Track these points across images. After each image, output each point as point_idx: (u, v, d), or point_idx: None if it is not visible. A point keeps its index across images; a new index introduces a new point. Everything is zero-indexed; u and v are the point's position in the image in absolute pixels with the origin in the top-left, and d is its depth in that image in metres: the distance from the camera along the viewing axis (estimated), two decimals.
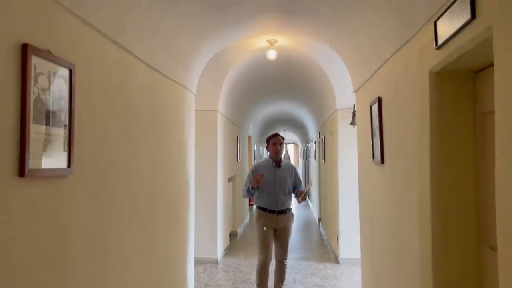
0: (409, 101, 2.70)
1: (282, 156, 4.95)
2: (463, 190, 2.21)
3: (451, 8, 1.91)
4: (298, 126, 17.95)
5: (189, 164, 4.59)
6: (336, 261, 6.68)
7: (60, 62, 1.97)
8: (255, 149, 14.51)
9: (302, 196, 4.60)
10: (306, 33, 5.03)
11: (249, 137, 12.45)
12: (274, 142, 4.80)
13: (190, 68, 4.44)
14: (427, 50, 2.28)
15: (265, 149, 6.51)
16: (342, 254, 6.52)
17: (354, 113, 6.27)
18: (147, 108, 3.25)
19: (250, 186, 4.65)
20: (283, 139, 4.88)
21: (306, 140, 17.60)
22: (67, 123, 2.05)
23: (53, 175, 1.96)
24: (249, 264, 6.57)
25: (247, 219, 11.30)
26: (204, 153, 6.33)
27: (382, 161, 3.44)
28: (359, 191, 4.59)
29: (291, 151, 27.67)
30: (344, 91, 6.22)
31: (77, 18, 2.14)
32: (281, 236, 4.74)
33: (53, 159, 1.94)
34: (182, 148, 4.31)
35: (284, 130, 22.76)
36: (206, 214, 6.50)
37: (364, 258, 4.48)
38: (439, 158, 2.24)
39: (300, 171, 25.71)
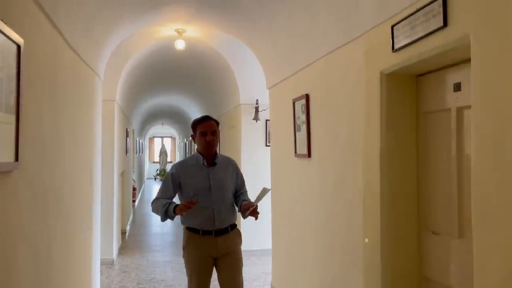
0: (349, 99, 2.88)
1: (159, 150, 4.23)
2: (407, 180, 2.46)
3: (413, 16, 2.10)
4: (178, 120, 17.71)
5: (98, 157, 4.20)
6: None
7: (10, 35, 1.65)
8: (137, 142, 13.87)
9: (252, 211, 2.91)
10: (219, 26, 4.99)
11: (133, 130, 11.87)
12: (203, 131, 2.99)
13: (102, 53, 4.07)
14: (379, 52, 2.46)
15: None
16: (244, 247, 6.64)
17: (257, 108, 6.45)
18: (69, 96, 2.88)
19: (169, 206, 2.88)
20: (217, 124, 3.10)
21: (187, 134, 17.43)
22: (14, 107, 1.72)
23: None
24: (149, 263, 6.30)
25: (131, 216, 10.77)
26: (102, 146, 5.83)
27: (309, 155, 3.61)
28: (272, 183, 4.73)
29: (168, 145, 27.09)
30: (249, 86, 6.34)
31: None
32: (226, 268, 3.01)
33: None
34: (94, 140, 3.93)
35: (163, 124, 22.26)
36: (102, 211, 6.01)
37: (278, 248, 4.65)
38: (388, 151, 2.44)
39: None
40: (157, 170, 25.20)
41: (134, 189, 12.00)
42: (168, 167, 25.67)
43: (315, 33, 3.38)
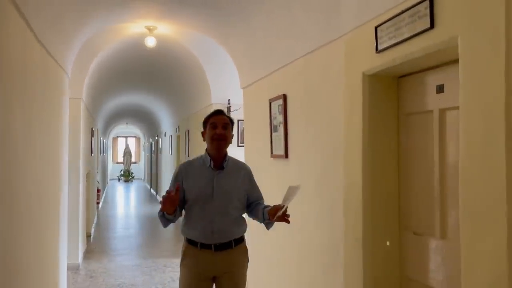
0: (329, 100, 2.87)
1: (123, 150, 3.94)
2: (389, 181, 2.47)
3: (399, 17, 2.10)
4: (144, 120, 17.35)
5: (65, 158, 4.01)
6: None
7: None
8: (101, 142, 13.46)
9: (282, 214, 2.48)
10: (192, 25, 4.88)
11: (97, 129, 11.51)
12: (214, 122, 2.62)
13: (71, 50, 3.89)
14: (362, 53, 2.46)
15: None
16: None
17: (229, 108, 6.38)
18: (39, 94, 2.72)
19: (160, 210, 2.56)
20: (231, 121, 2.72)
21: (153, 134, 17.11)
22: None
23: None
24: (117, 267, 6.10)
25: (95, 219, 10.44)
26: (68, 146, 5.59)
27: (286, 155, 3.58)
28: None
29: (132, 145, 26.49)
30: (221, 86, 6.26)
31: None
32: None
33: None
34: (60, 139, 3.74)
35: (127, 123, 21.74)
36: (68, 214, 5.77)
37: (254, 251, 4.59)
38: (370, 153, 2.45)
39: (142, 168, 24.54)
40: (121, 170, 24.61)
41: (98, 190, 11.64)
42: (133, 167, 25.29)
43: (293, 33, 3.35)
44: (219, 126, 2.60)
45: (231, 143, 2.68)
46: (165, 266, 6.06)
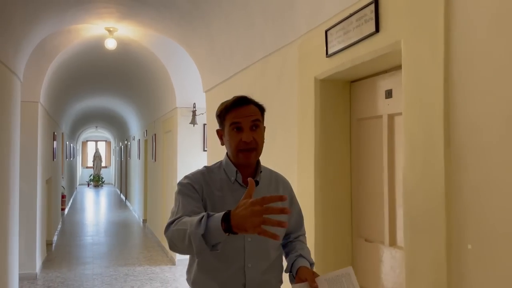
0: (285, 104, 2.82)
1: (93, 155, 2.99)
2: (341, 188, 2.43)
3: (347, 20, 2.07)
4: (114, 123, 16.99)
5: (15, 162, 3.82)
6: (173, 262, 6.56)
7: None
8: (67, 147, 13.09)
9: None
10: (154, 27, 4.78)
11: (62, 133, 11.18)
12: (237, 122, 1.59)
13: (20, 51, 3.71)
14: (313, 57, 2.42)
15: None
16: (179, 255, 6.42)
17: (194, 112, 6.27)
18: None
19: (204, 228, 1.30)
20: (261, 109, 1.68)
21: (123, 138, 16.77)
22: None
23: None
24: (76, 277, 5.89)
25: (59, 226, 10.11)
26: (21, 151, 5.37)
27: None
28: None
29: (102, 150, 25.93)
30: (186, 89, 6.15)
31: None
32: None
33: None
34: (10, 144, 3.56)
35: (97, 127, 21.27)
36: (23, 221, 5.53)
37: None
38: (321, 158, 2.40)
39: (112, 172, 23.94)
40: (91, 175, 24.05)
41: (63, 196, 11.29)
42: (103, 172, 24.80)
43: (251, 36, 3.30)
44: (245, 127, 1.57)
45: (263, 141, 1.68)
46: (126, 275, 5.88)
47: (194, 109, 6.22)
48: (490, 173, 1.33)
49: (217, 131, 1.70)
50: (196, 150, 6.36)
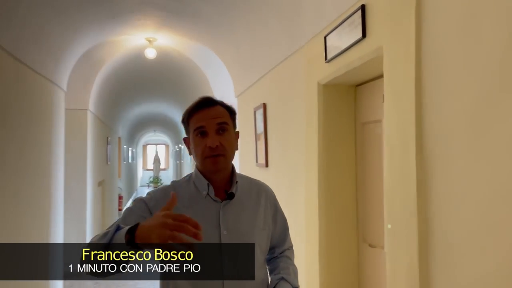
0: (296, 109, 2.85)
1: (152, 157, 2.75)
2: (345, 192, 2.42)
3: (341, 26, 2.07)
4: (170, 127, 17.68)
5: (58, 166, 4.15)
6: None
7: None
8: (125, 150, 13.83)
9: None
10: (188, 35, 4.97)
11: (119, 138, 11.83)
12: (200, 126, 1.38)
13: (62, 63, 4.03)
14: (316, 63, 2.43)
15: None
16: None
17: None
18: (13, 105, 2.85)
19: (114, 233, 1.14)
20: (231, 111, 1.45)
21: (179, 141, 17.40)
22: None
23: None
24: (128, 276, 6.21)
25: None
26: (73, 154, 5.80)
27: (267, 164, 3.57)
28: None
29: (161, 153, 27.04)
30: (224, 94, 6.30)
31: None
32: None
33: None
34: (50, 149, 3.88)
35: (155, 131, 22.22)
36: (73, 221, 5.96)
37: None
38: (326, 163, 2.41)
39: (170, 174, 25.01)
40: (150, 177, 25.19)
41: (120, 197, 11.93)
42: (162, 174, 25.88)
43: (269, 42, 3.35)
44: (210, 130, 1.39)
45: (237, 149, 1.47)
46: None
47: None
48: (456, 180, 1.29)
49: (184, 139, 1.50)
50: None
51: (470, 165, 1.24)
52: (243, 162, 4.65)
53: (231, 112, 1.45)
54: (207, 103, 1.42)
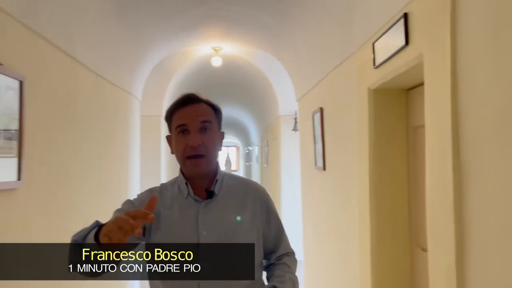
0: (349, 113, 2.91)
1: (224, 159, 2.70)
2: (397, 196, 2.45)
3: (387, 33, 2.13)
4: (239, 130, 18.17)
5: (134, 169, 4.56)
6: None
7: (11, 74, 1.95)
8: None
9: None
10: (251, 43, 5.19)
11: None
12: (181, 125, 1.36)
13: (136, 75, 4.43)
14: (366, 68, 2.49)
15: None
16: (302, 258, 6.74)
17: (296, 119, 6.54)
18: (94, 115, 3.22)
19: (85, 233, 1.19)
20: (216, 110, 1.43)
21: (248, 143, 17.84)
22: (17, 135, 2.02)
23: (3, 188, 1.92)
24: None
25: None
26: (148, 155, 6.28)
27: (324, 167, 3.65)
28: (302, 196, 4.80)
29: (232, 155, 27.82)
30: (287, 98, 6.46)
31: (28, 29, 2.11)
32: None
33: (2, 172, 1.91)
34: (127, 153, 4.28)
35: (226, 134, 22.93)
36: None
37: (307, 260, 4.69)
38: (376, 167, 2.45)
39: (241, 174, 25.83)
40: None
41: None
42: None
43: (325, 47, 3.44)
44: (192, 129, 1.35)
45: (220, 150, 1.43)
46: None
47: (295, 116, 6.49)
48: (489, 185, 1.33)
49: (166, 137, 1.44)
50: (298, 155, 6.62)
51: (502, 170, 1.27)
52: (303, 165, 4.76)
53: (216, 110, 1.42)
54: (190, 100, 1.38)
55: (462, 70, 1.45)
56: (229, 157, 26.86)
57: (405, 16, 1.89)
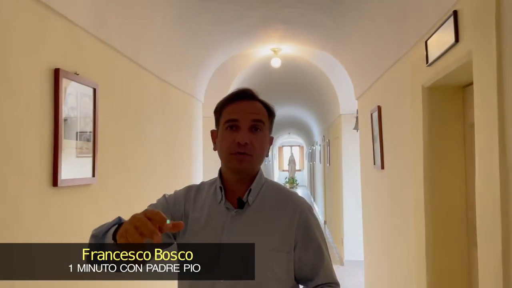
0: (405, 111, 2.89)
1: (288, 158, 2.65)
2: (454, 195, 2.40)
3: (438, 31, 2.11)
4: (303, 129, 18.17)
5: (197, 167, 4.80)
6: (341, 262, 6.86)
7: (86, 83, 2.19)
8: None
9: None
10: (309, 43, 5.24)
11: None
12: (232, 120, 1.26)
13: (198, 79, 4.66)
14: (420, 66, 2.47)
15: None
16: (347, 256, 6.70)
17: (357, 118, 6.48)
18: (160, 117, 3.47)
19: (106, 228, 1.18)
20: (269, 111, 1.33)
21: (311, 142, 17.79)
22: (91, 137, 2.27)
23: (80, 184, 2.17)
24: None
25: None
26: (210, 157, 6.54)
27: (382, 166, 3.63)
28: (362, 195, 4.78)
29: (296, 154, 27.84)
30: (347, 96, 6.42)
31: (100, 41, 2.36)
32: None
33: (80, 170, 2.16)
34: (191, 152, 4.53)
35: (289, 133, 23.03)
36: None
37: (367, 259, 4.66)
38: (432, 165, 2.43)
39: (305, 175, 25.79)
40: (286, 178, 26.15)
41: None
42: (297, 175, 26.69)
43: (380, 46, 3.42)
44: (243, 126, 1.26)
45: (267, 156, 1.34)
46: None
47: (356, 115, 6.43)
48: None
49: (211, 132, 1.34)
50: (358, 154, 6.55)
51: None
52: (363, 164, 4.73)
53: (270, 112, 1.32)
54: (246, 95, 1.29)
55: (508, 68, 1.44)
56: (293, 156, 26.91)
57: (455, 13, 1.87)
